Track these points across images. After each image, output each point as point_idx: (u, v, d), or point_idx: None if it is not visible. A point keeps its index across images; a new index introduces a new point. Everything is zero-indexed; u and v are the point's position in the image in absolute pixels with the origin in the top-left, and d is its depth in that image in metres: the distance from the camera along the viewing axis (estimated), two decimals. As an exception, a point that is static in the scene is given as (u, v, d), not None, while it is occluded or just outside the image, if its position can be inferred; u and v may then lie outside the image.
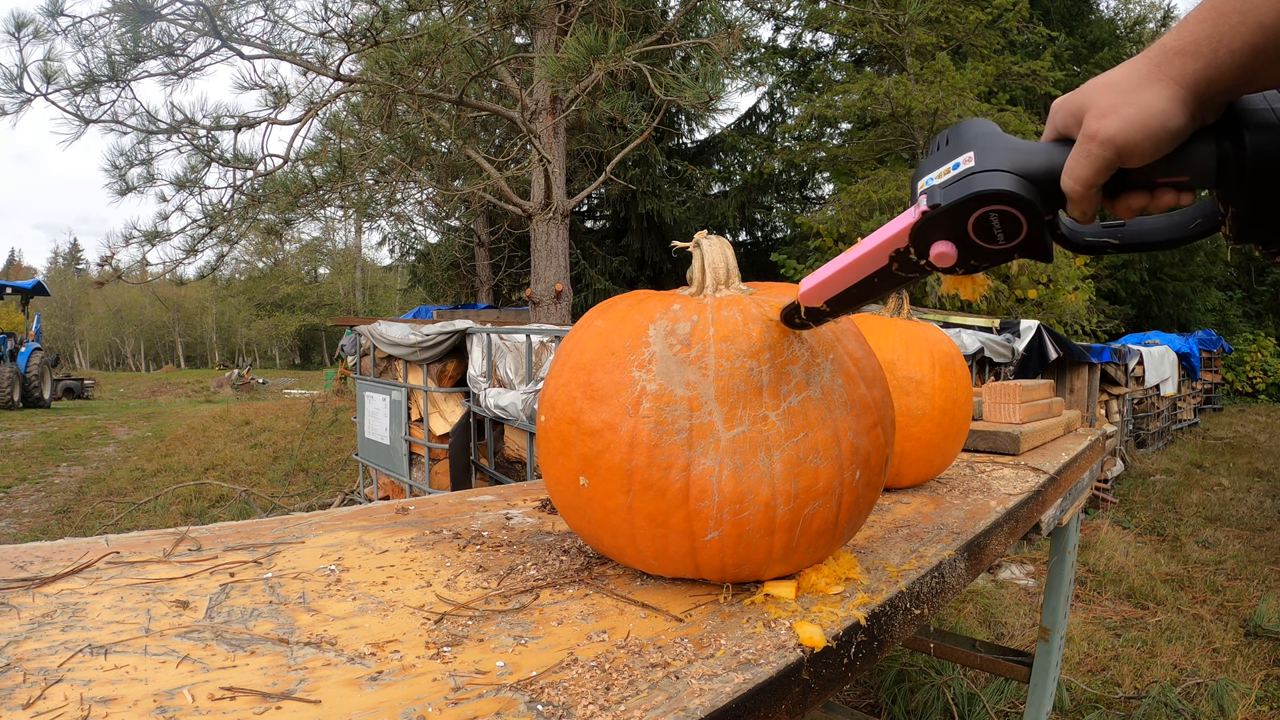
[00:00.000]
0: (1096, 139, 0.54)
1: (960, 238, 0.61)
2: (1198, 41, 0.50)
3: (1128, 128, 0.53)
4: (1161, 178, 0.56)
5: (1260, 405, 15.59)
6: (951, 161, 0.62)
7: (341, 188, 6.36)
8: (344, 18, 5.09)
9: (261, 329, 45.46)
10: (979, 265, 0.63)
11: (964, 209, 0.59)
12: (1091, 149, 0.54)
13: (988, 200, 0.58)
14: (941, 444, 1.33)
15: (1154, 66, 0.53)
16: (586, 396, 0.77)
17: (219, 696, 0.53)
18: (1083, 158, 0.55)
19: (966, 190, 0.59)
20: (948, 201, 0.60)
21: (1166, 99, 0.52)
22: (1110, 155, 0.54)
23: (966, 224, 0.60)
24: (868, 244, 0.67)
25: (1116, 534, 4.97)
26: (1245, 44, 0.48)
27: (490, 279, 13.70)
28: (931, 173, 0.63)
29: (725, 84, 5.30)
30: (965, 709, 2.57)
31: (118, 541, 0.89)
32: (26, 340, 15.07)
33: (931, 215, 0.61)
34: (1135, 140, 0.53)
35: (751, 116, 15.43)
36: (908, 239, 0.64)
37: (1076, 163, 0.56)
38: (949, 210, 0.60)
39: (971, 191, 0.59)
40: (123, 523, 5.61)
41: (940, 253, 0.62)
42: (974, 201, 0.59)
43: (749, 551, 0.75)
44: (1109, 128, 0.53)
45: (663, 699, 0.55)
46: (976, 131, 0.62)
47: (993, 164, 0.59)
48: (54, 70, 4.70)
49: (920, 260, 0.64)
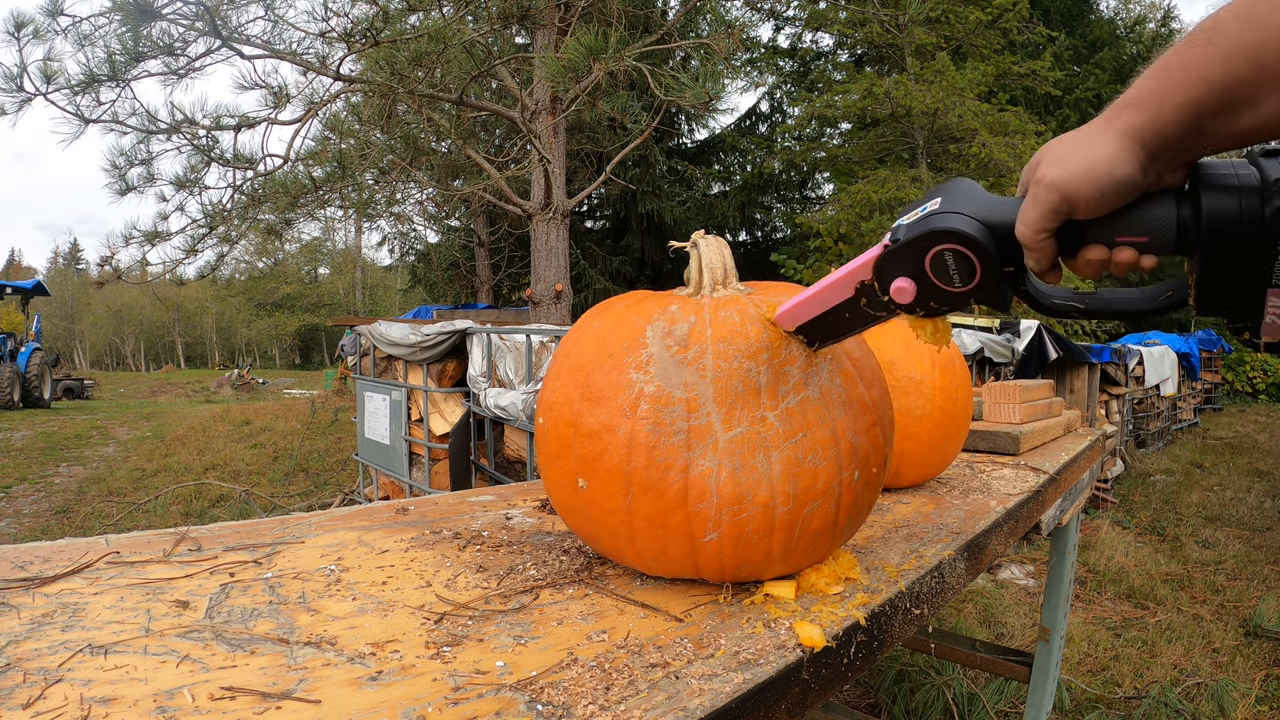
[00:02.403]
0: (1043, 183, 0.55)
1: (918, 274, 0.64)
2: (1143, 95, 0.52)
3: (1072, 173, 0.54)
4: (1120, 236, 0.56)
5: (1260, 405, 15.59)
6: (922, 205, 0.65)
7: (341, 188, 6.36)
8: (344, 18, 5.09)
9: (261, 329, 45.46)
10: (938, 309, 0.66)
11: (920, 244, 0.62)
12: (1038, 193, 0.56)
13: (942, 238, 0.61)
14: (941, 444, 1.33)
15: (1106, 120, 0.55)
16: (584, 398, 0.78)
17: (219, 696, 0.53)
18: (1030, 202, 0.57)
19: (925, 228, 0.62)
20: (908, 236, 0.63)
21: (1114, 148, 0.53)
22: (1056, 199, 0.55)
23: (924, 261, 0.63)
24: (837, 274, 0.70)
25: (1116, 534, 4.97)
26: (1188, 97, 0.49)
27: (490, 279, 13.70)
28: (905, 216, 0.66)
29: (725, 84, 5.30)
30: (965, 709, 2.57)
31: (118, 541, 0.89)
32: (26, 340, 15.07)
33: (892, 249, 0.64)
34: (1079, 185, 0.54)
35: (751, 116, 15.43)
36: (871, 272, 0.67)
37: (1027, 209, 0.57)
38: (907, 244, 0.63)
39: (929, 229, 0.61)
40: (123, 523, 5.61)
41: (899, 287, 0.65)
42: (929, 238, 0.61)
43: (748, 552, 0.75)
44: (1054, 172, 0.55)
45: (663, 699, 0.55)
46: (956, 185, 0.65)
47: (954, 207, 0.62)
48: (54, 70, 4.70)
49: (883, 296, 0.67)
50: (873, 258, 0.66)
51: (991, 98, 11.04)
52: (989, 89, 10.88)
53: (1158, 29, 15.36)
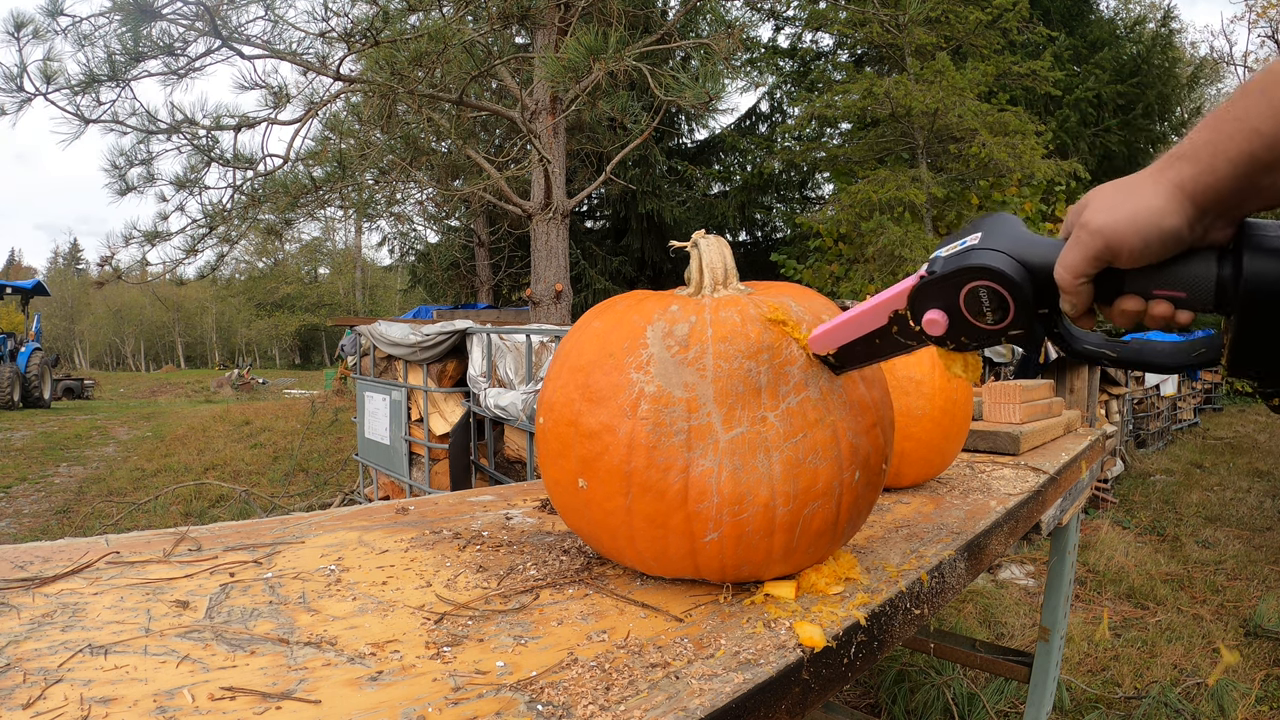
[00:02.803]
0: (1088, 228, 0.55)
1: (952, 308, 0.64)
2: (1196, 147, 0.51)
3: (1118, 220, 0.53)
4: (1158, 289, 0.55)
5: (1260, 405, 15.57)
6: (961, 239, 0.65)
7: (341, 188, 6.36)
8: (344, 18, 5.09)
9: (261, 329, 45.45)
10: (968, 344, 0.66)
11: (956, 279, 0.62)
12: (1082, 237, 0.55)
13: (978, 275, 0.61)
14: (941, 444, 1.33)
15: (1158, 171, 0.54)
16: (585, 398, 0.78)
17: (219, 696, 0.53)
18: (1073, 245, 0.56)
19: (961, 262, 0.62)
20: (945, 270, 0.63)
21: (1163, 199, 0.52)
22: (1099, 245, 0.55)
23: (959, 296, 0.63)
24: (873, 301, 0.71)
25: (1116, 534, 4.97)
26: (1241, 151, 0.48)
27: (490, 279, 13.70)
28: (944, 248, 0.66)
29: (725, 84, 5.30)
30: (965, 709, 2.57)
31: (118, 541, 0.89)
32: (26, 340, 15.07)
33: (928, 281, 0.65)
34: (1124, 234, 0.53)
35: (751, 116, 15.42)
36: (906, 301, 0.67)
37: (1068, 253, 0.57)
38: (943, 278, 0.63)
39: (965, 264, 0.62)
40: (123, 523, 5.61)
41: (931, 319, 0.65)
42: (966, 273, 0.62)
43: (748, 552, 0.75)
44: (1100, 219, 0.54)
45: (663, 699, 0.55)
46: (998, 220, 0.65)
47: (994, 244, 0.61)
48: (54, 70, 4.70)
49: (915, 326, 0.68)
50: (908, 288, 0.66)
51: (991, 98, 11.03)
52: (989, 89, 10.87)
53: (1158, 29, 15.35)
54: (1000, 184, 9.80)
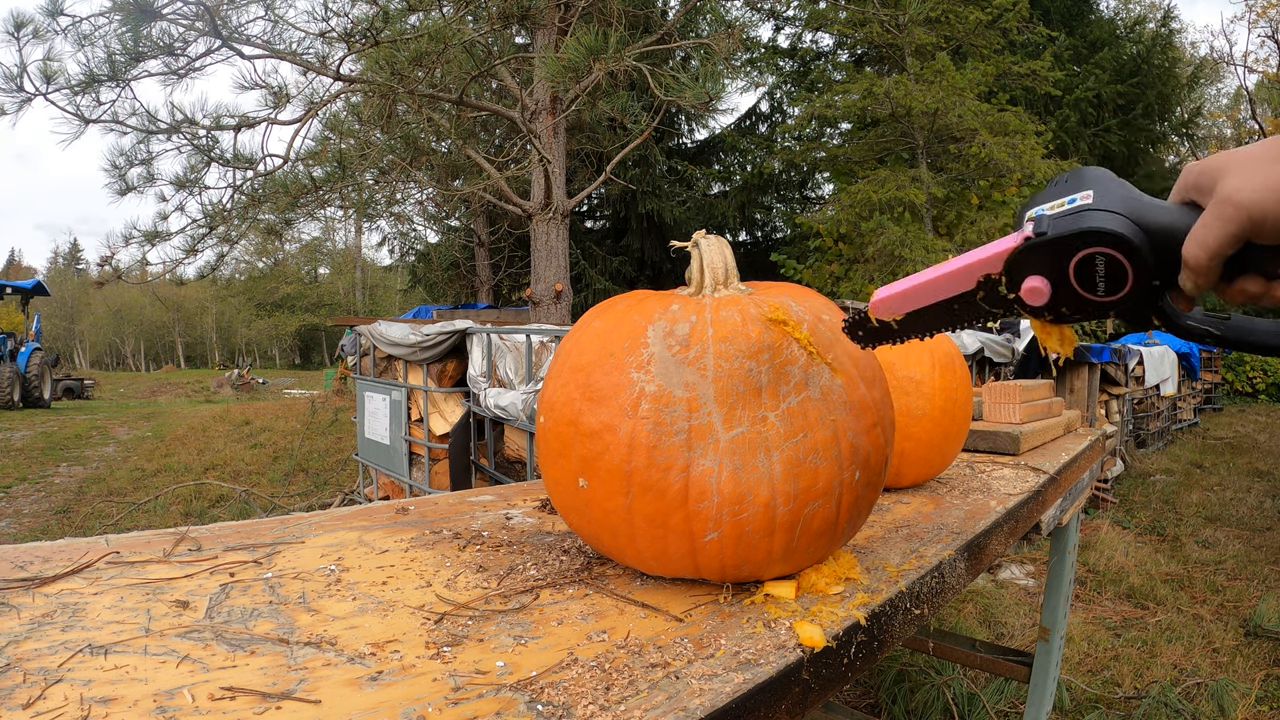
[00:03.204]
0: (1230, 202, 0.50)
1: (1059, 277, 0.57)
2: None
3: (1265, 194, 0.49)
4: None
5: (1260, 405, 15.59)
6: (1069, 196, 0.57)
7: (341, 188, 6.36)
8: (344, 18, 5.09)
9: (261, 329, 45.47)
10: (1069, 316, 0.59)
11: (1070, 244, 0.55)
12: (1225, 211, 0.50)
13: (1098, 240, 0.54)
14: (941, 444, 1.33)
15: None
16: (585, 398, 0.77)
17: (219, 696, 0.53)
18: (1213, 221, 0.51)
19: (1078, 225, 0.54)
20: (1055, 232, 0.55)
21: None
22: (1243, 220, 0.50)
23: (1069, 263, 0.56)
24: (958, 262, 0.62)
25: (1116, 534, 4.97)
26: None
27: (490, 279, 13.70)
28: (1044, 204, 0.58)
29: (725, 84, 5.30)
30: (965, 709, 2.57)
31: (118, 541, 0.89)
32: (26, 340, 15.07)
33: (1034, 243, 0.57)
34: (1271, 208, 0.49)
35: (751, 116, 15.42)
36: (1002, 265, 0.59)
37: (1206, 228, 0.51)
38: (1055, 241, 0.56)
39: (1083, 226, 0.54)
40: (123, 523, 5.61)
41: (1033, 287, 0.58)
42: (1083, 237, 0.54)
43: (749, 552, 0.75)
44: (1248, 193, 0.49)
45: (663, 699, 0.55)
46: (1099, 174, 0.58)
47: (1112, 205, 0.54)
48: (54, 70, 4.70)
49: (1010, 294, 0.60)
50: (1007, 250, 0.58)
51: (991, 98, 11.03)
52: (989, 89, 10.87)
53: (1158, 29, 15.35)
54: (1000, 184, 9.80)
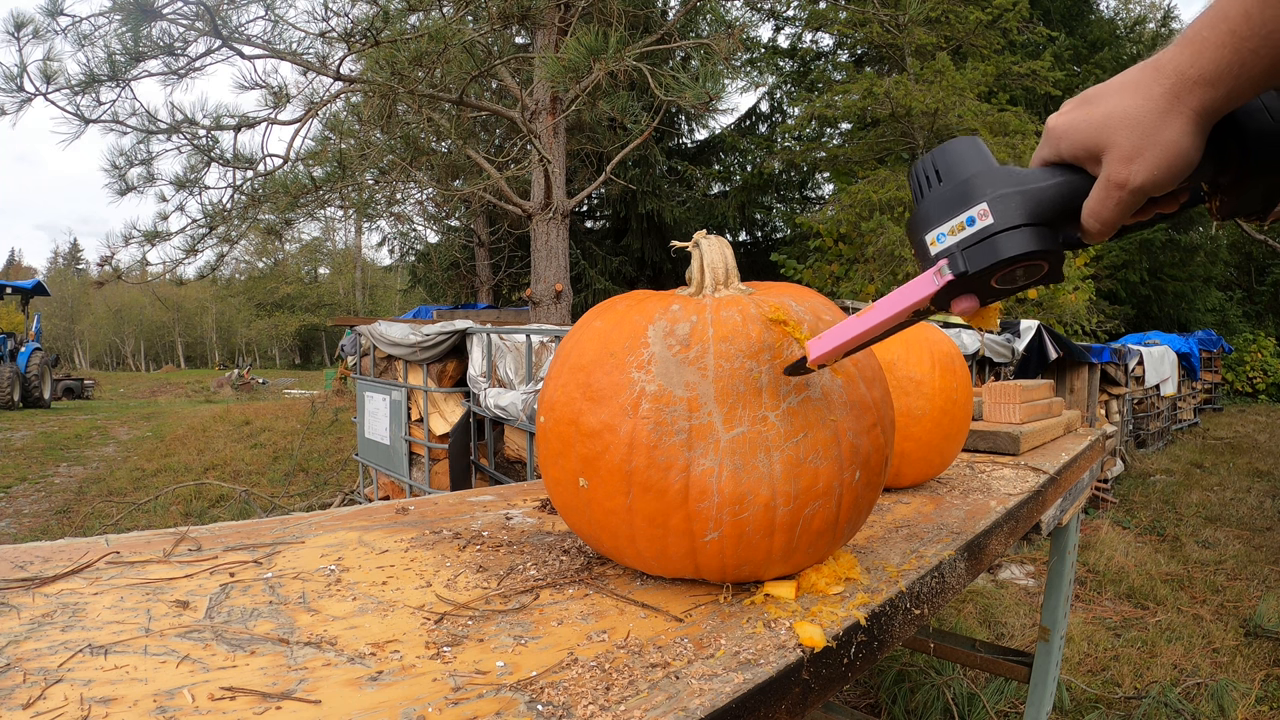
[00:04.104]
0: (1127, 186, 0.53)
1: (984, 289, 0.60)
2: (1219, 70, 0.49)
3: (1156, 172, 0.52)
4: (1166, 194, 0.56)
5: (1260, 405, 15.59)
6: (963, 215, 0.59)
7: (341, 188, 6.35)
8: (344, 18, 5.09)
9: (261, 329, 45.49)
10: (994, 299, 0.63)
11: (992, 272, 0.58)
12: (1122, 197, 0.54)
13: (1015, 261, 0.57)
14: (941, 444, 1.33)
15: (1173, 97, 0.51)
16: (586, 397, 0.77)
17: (219, 696, 0.53)
18: (1111, 204, 0.54)
19: (994, 256, 0.57)
20: (975, 268, 0.58)
21: (1190, 135, 0.51)
22: (1139, 200, 0.54)
23: (992, 278, 0.59)
24: (888, 309, 0.65)
25: (1116, 534, 4.97)
26: (1265, 70, 0.47)
27: (490, 279, 13.70)
28: (941, 226, 0.60)
29: (725, 84, 5.30)
30: (965, 709, 2.57)
31: (118, 541, 0.89)
32: (26, 340, 15.07)
33: (957, 282, 0.59)
34: (1162, 181, 0.52)
35: (751, 116, 15.43)
36: (929, 304, 0.63)
37: (1104, 207, 0.55)
38: (976, 276, 0.59)
39: (1000, 257, 0.57)
40: (123, 523, 5.61)
41: (964, 308, 0.62)
42: (1003, 265, 0.58)
43: (749, 552, 0.75)
44: (1139, 175, 0.52)
45: (663, 699, 0.55)
46: (975, 169, 0.60)
47: (1013, 219, 0.57)
48: (54, 70, 4.70)
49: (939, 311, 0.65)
50: (932, 292, 0.61)
51: (991, 98, 11.04)
52: (989, 89, 10.88)
53: (1158, 29, 15.36)
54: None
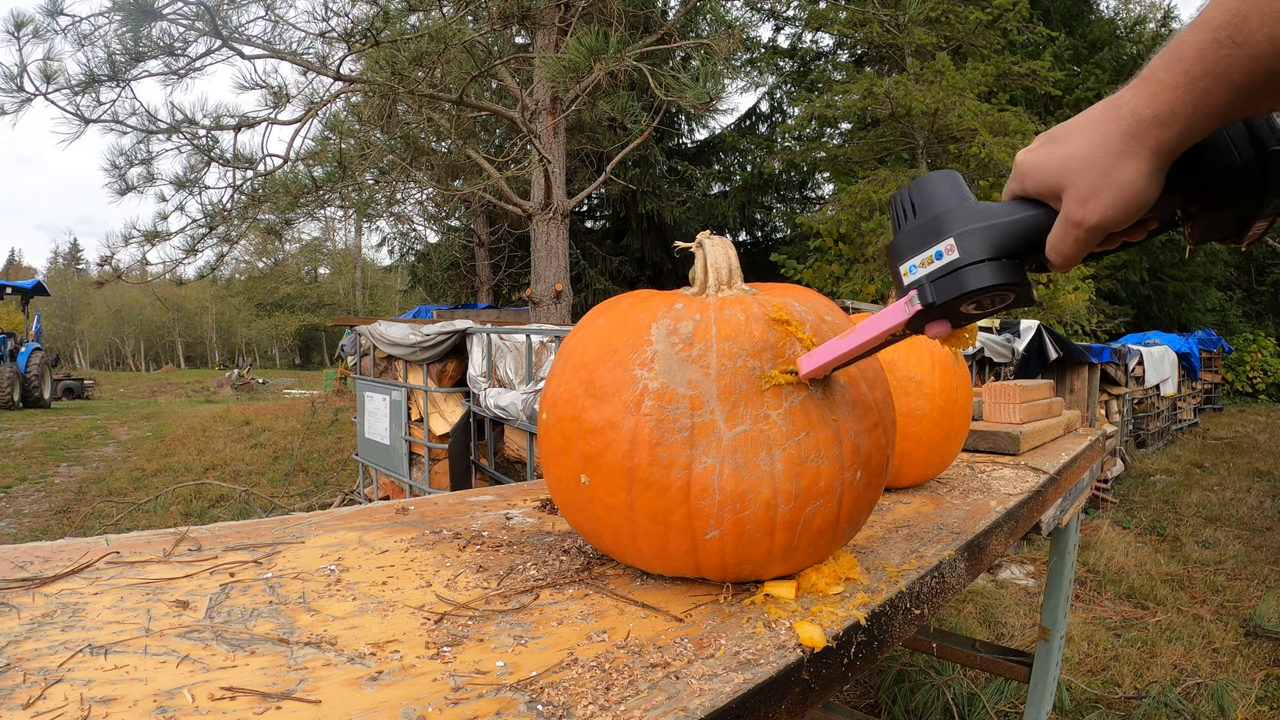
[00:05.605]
0: (1083, 226, 0.55)
1: (955, 315, 0.65)
2: (1174, 111, 0.49)
3: (1112, 212, 0.54)
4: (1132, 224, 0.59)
5: (1260, 405, 15.59)
6: (933, 249, 0.63)
7: (341, 188, 6.35)
8: (344, 18, 5.09)
9: (261, 329, 45.50)
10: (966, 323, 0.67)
11: (958, 302, 0.62)
12: (1079, 235, 0.56)
13: (980, 293, 0.61)
14: (941, 444, 1.33)
15: (1129, 138, 0.52)
16: (588, 394, 0.77)
17: (219, 696, 0.53)
18: (1070, 242, 0.57)
19: (959, 289, 0.61)
20: (942, 299, 0.62)
21: (1146, 175, 0.52)
22: (1097, 238, 0.56)
23: (960, 306, 0.63)
24: (867, 332, 0.70)
25: (1116, 534, 4.97)
26: (1219, 108, 0.48)
27: (490, 279, 13.69)
28: (913, 258, 0.64)
29: (725, 84, 5.30)
30: (965, 709, 2.57)
31: (118, 541, 0.89)
32: (26, 340, 15.07)
33: (926, 311, 0.64)
34: (1118, 220, 0.54)
35: (751, 116, 15.42)
36: (903, 328, 0.68)
37: (1064, 244, 0.57)
38: (943, 305, 0.63)
39: (965, 289, 0.61)
40: (123, 523, 5.61)
41: (937, 332, 0.66)
42: (968, 296, 0.61)
43: (749, 550, 0.75)
44: (1094, 215, 0.54)
45: (663, 699, 0.55)
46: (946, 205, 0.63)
47: (978, 253, 0.61)
48: (54, 70, 4.69)
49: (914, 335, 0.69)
50: (903, 321, 0.66)
51: (991, 98, 11.04)
52: (989, 89, 10.88)
53: (1158, 29, 15.37)
54: (1000, 184, 9.79)
